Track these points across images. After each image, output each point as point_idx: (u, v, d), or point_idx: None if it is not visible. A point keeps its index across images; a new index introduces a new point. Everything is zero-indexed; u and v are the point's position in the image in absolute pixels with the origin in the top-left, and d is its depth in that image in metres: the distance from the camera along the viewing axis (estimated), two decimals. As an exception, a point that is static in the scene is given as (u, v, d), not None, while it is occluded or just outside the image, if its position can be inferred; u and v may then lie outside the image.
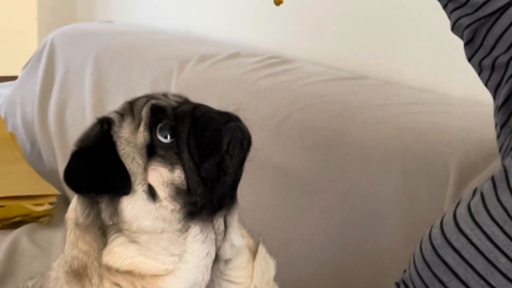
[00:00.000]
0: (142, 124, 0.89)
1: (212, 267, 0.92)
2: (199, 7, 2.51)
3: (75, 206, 0.94)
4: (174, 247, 0.88)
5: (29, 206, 1.90)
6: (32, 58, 2.51)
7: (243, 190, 0.95)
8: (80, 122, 2.19)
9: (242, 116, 0.93)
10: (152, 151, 0.88)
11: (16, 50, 3.16)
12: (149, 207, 0.88)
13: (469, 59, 1.03)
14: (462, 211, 0.96)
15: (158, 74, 2.02)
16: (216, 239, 0.91)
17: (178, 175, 0.88)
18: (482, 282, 0.91)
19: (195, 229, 0.89)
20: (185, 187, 0.88)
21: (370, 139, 1.45)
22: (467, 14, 1.00)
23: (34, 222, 1.91)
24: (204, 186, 0.88)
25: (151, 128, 0.89)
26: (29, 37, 3.25)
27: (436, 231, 0.97)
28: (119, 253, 0.88)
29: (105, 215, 0.89)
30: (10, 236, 1.81)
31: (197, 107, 0.91)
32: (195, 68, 1.91)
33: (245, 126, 0.91)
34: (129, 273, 0.88)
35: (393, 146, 1.40)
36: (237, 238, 0.95)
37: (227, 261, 0.94)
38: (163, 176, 0.88)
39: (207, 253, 0.90)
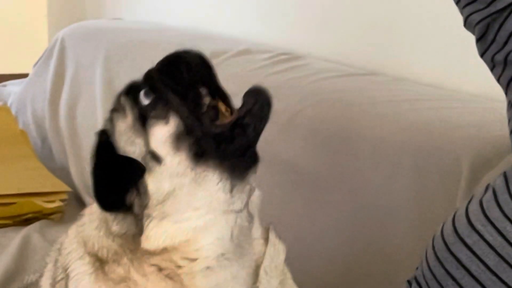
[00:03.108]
0: (127, 108, 0.92)
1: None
2: (208, 3, 2.51)
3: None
4: (196, 200, 0.89)
5: (40, 203, 1.91)
6: (42, 56, 2.52)
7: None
8: (91, 119, 2.20)
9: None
10: (145, 120, 0.91)
11: (26, 48, 3.18)
12: (160, 170, 0.89)
13: (482, 55, 1.02)
14: (474, 207, 0.96)
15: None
16: (244, 193, 0.92)
17: (173, 121, 0.89)
18: (494, 278, 0.91)
19: (214, 177, 0.90)
20: (182, 127, 0.89)
21: (381, 135, 1.45)
22: (479, 10, 0.99)
23: (45, 219, 1.92)
24: (198, 119, 0.89)
25: (135, 104, 0.92)
26: (39, 35, 3.26)
27: (448, 228, 0.97)
28: (153, 235, 0.90)
29: (138, 208, 0.91)
30: (21, 233, 1.82)
31: (167, 59, 0.94)
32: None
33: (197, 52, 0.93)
34: (165, 250, 0.90)
35: (404, 142, 1.40)
36: (257, 193, 0.96)
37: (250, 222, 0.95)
38: (160, 133, 0.90)
39: (234, 203, 0.91)
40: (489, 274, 0.91)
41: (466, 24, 1.03)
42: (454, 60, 1.69)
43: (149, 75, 0.93)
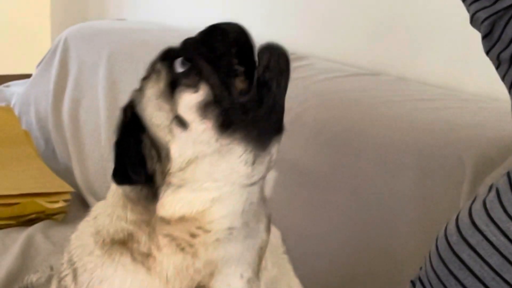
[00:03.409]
0: (161, 74, 0.91)
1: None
2: (211, 4, 2.51)
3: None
4: (217, 171, 0.89)
5: (43, 203, 1.91)
6: (45, 56, 2.52)
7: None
8: (94, 120, 2.20)
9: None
10: (175, 86, 0.90)
11: (29, 48, 3.18)
12: (185, 136, 0.89)
13: (487, 52, 1.02)
14: (477, 207, 0.95)
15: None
16: (265, 166, 0.92)
17: (203, 89, 0.89)
18: (497, 278, 0.91)
19: (238, 149, 0.89)
20: (211, 97, 0.88)
21: (384, 135, 1.44)
22: (485, 7, 0.99)
23: (48, 219, 1.92)
24: (228, 89, 0.89)
25: (169, 70, 0.91)
26: (43, 36, 3.27)
27: (452, 228, 0.97)
28: (169, 202, 0.90)
29: (159, 176, 0.90)
30: (25, 233, 1.83)
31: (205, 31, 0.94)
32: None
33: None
34: (181, 219, 0.90)
35: (407, 142, 1.40)
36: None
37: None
38: (189, 100, 0.89)
39: (249, 175, 0.90)
40: (493, 274, 0.91)
41: (473, 21, 1.03)
42: (457, 60, 1.69)
43: (186, 44, 0.93)
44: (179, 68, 0.90)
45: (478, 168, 1.27)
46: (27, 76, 2.68)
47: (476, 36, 1.04)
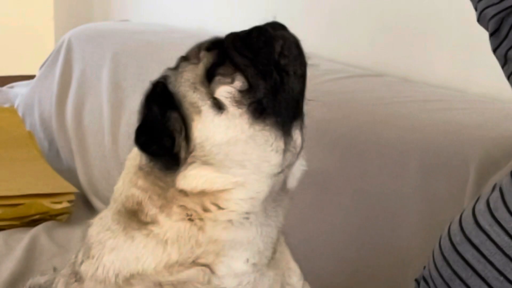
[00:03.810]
0: (202, 62, 0.93)
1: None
2: (214, 5, 2.51)
3: (139, 153, 0.95)
4: (248, 159, 0.90)
5: (47, 204, 1.91)
6: (49, 57, 2.52)
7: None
8: (98, 121, 2.20)
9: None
10: (211, 76, 0.92)
11: (33, 49, 3.19)
12: (218, 120, 0.90)
13: (494, 50, 1.02)
14: (481, 207, 0.95)
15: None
16: (291, 151, 0.92)
17: (238, 80, 0.91)
18: (501, 278, 0.91)
19: (270, 137, 0.90)
20: (246, 86, 0.90)
21: (389, 136, 1.44)
22: (493, 4, 0.99)
23: (52, 220, 1.92)
24: (265, 80, 0.91)
25: (209, 60, 0.93)
26: (46, 37, 3.27)
27: (455, 228, 0.97)
28: (193, 175, 0.90)
29: (182, 152, 0.91)
30: (29, 234, 1.83)
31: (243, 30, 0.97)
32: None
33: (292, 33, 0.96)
34: (201, 193, 0.90)
35: (411, 143, 1.40)
36: (302, 159, 0.96)
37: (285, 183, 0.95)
38: (225, 89, 0.90)
39: (277, 164, 0.91)
40: (496, 274, 0.91)
41: (480, 18, 1.02)
42: (461, 61, 1.69)
43: (227, 37, 0.95)
44: (216, 58, 0.92)
45: (482, 169, 1.27)
46: (31, 77, 2.68)
47: (480, 37, 1.04)
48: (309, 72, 1.87)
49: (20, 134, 2.25)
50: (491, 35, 1.01)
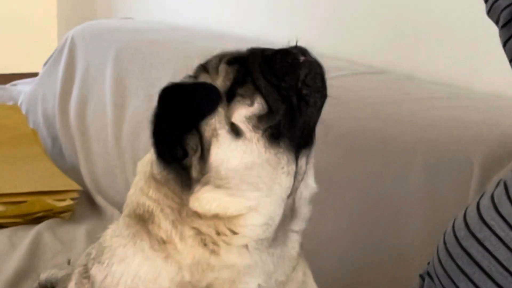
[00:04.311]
0: (222, 76, 0.92)
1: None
2: (218, 3, 2.51)
3: (151, 160, 0.95)
4: (262, 182, 0.90)
5: (51, 202, 1.91)
6: (52, 55, 2.53)
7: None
8: (101, 118, 2.20)
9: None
10: (231, 95, 0.91)
11: (36, 47, 3.19)
12: (234, 145, 0.89)
13: (504, 43, 1.01)
14: (485, 202, 0.95)
15: (178, 70, 2.02)
16: (296, 177, 0.92)
17: (258, 102, 0.90)
18: (505, 273, 0.91)
19: (283, 160, 0.90)
20: (266, 110, 0.90)
21: (392, 134, 1.44)
22: None
23: (56, 217, 1.92)
24: (285, 106, 0.90)
25: (230, 77, 0.92)
26: (49, 34, 3.27)
27: (460, 223, 0.97)
28: (207, 198, 0.90)
29: (195, 171, 0.90)
30: (32, 231, 1.83)
31: (267, 48, 0.95)
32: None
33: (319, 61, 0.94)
34: (215, 216, 0.90)
35: (415, 141, 1.40)
36: (312, 180, 0.96)
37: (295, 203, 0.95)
38: (244, 112, 0.90)
39: (289, 186, 0.91)
40: (501, 269, 0.91)
41: (491, 10, 1.01)
42: (464, 58, 1.68)
43: (251, 55, 0.94)
44: (237, 77, 0.91)
45: (486, 167, 1.27)
46: (34, 74, 2.68)
47: (484, 34, 1.04)
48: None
49: (23, 132, 2.25)
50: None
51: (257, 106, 0.90)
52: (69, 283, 1.03)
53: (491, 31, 1.03)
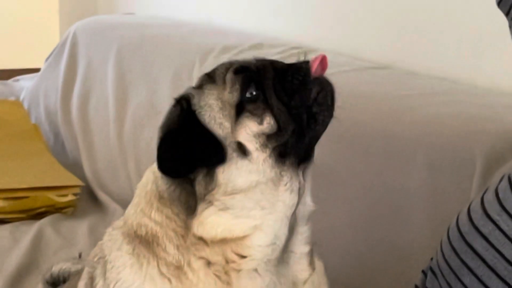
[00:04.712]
0: (229, 86, 0.90)
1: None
2: (221, -2, 2.51)
3: (153, 179, 0.93)
4: (266, 199, 0.89)
5: (53, 197, 1.91)
6: (54, 51, 2.52)
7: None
8: (103, 114, 2.20)
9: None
10: (240, 109, 0.90)
11: (38, 42, 3.18)
12: (241, 163, 0.88)
13: None
14: (489, 196, 0.95)
15: (180, 66, 2.02)
16: (300, 193, 0.92)
17: (267, 122, 0.89)
18: (510, 268, 0.90)
19: (286, 177, 0.90)
20: (275, 130, 0.89)
21: (394, 130, 1.44)
22: None
23: (58, 212, 1.93)
24: (295, 125, 0.89)
25: (239, 89, 0.90)
26: (51, 30, 3.27)
27: (464, 218, 0.97)
28: (211, 222, 0.89)
29: (200, 187, 0.89)
30: (35, 227, 1.83)
31: (275, 61, 0.94)
32: (217, 60, 1.91)
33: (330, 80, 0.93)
34: (221, 241, 0.89)
35: (417, 137, 1.39)
36: (309, 198, 0.95)
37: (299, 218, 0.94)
38: (252, 130, 0.89)
39: (293, 204, 0.91)
40: (505, 263, 0.91)
41: (502, 1, 1.00)
42: (468, 54, 1.68)
43: (261, 68, 0.92)
44: (248, 92, 0.90)
45: (489, 162, 1.26)
46: (36, 70, 2.68)
47: (487, 31, 1.04)
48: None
49: (25, 127, 2.25)
50: None
51: (267, 125, 0.89)
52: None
53: (495, 28, 1.02)
